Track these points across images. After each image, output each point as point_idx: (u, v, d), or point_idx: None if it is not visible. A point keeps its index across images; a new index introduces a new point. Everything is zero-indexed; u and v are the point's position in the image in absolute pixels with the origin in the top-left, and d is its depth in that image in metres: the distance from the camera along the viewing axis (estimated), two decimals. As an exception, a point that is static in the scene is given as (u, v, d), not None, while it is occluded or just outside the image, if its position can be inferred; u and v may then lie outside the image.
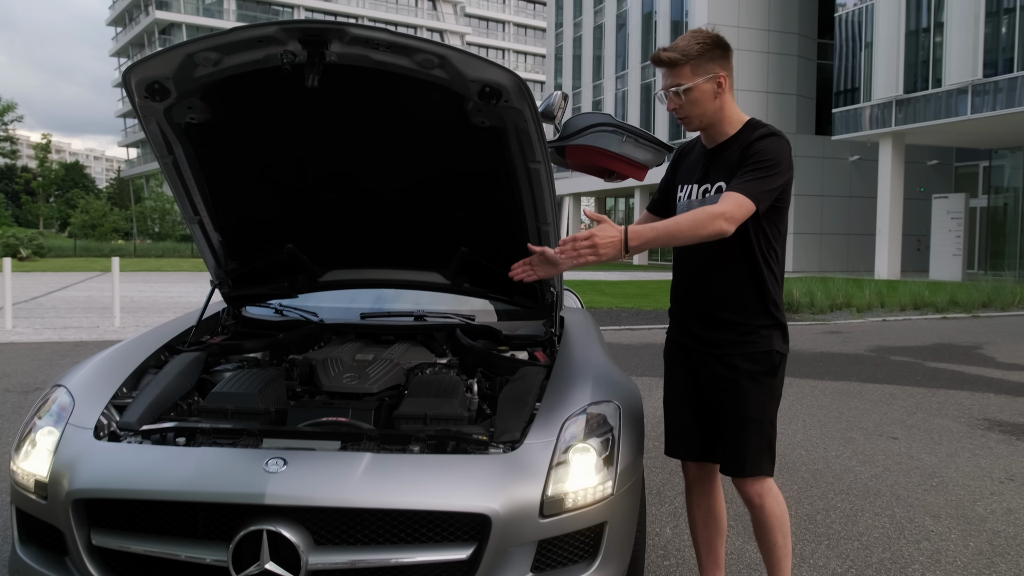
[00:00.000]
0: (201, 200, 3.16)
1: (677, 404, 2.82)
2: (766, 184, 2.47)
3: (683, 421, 2.79)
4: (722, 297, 2.64)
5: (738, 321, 2.62)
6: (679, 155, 2.92)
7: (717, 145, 2.66)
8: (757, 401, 2.60)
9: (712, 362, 2.66)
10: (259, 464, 2.17)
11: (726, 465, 2.69)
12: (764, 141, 2.53)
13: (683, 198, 2.75)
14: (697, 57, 2.54)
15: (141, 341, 3.23)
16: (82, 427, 2.45)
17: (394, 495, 2.13)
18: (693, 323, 2.73)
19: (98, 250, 39.09)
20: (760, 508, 2.66)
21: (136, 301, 14.97)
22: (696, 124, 2.65)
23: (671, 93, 2.59)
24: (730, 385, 2.62)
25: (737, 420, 2.61)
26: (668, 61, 2.57)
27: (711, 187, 2.63)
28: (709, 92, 2.58)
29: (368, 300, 4.20)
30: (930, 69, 23.30)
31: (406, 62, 2.48)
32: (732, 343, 2.62)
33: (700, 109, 2.59)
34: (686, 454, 2.82)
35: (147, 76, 2.54)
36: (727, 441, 2.66)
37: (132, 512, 2.21)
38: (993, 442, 5.47)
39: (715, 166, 2.64)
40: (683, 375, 2.79)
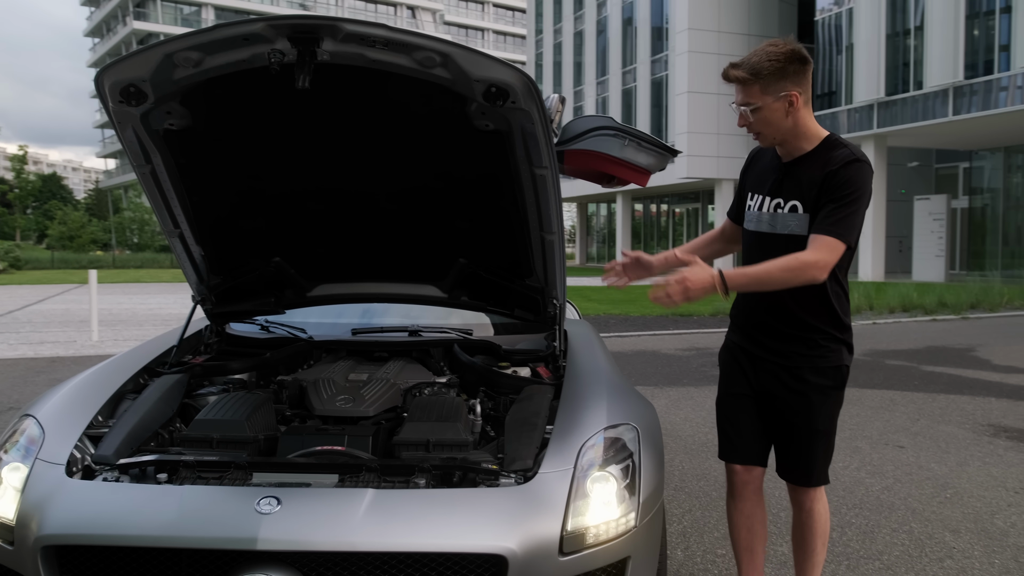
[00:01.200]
0: (182, 212, 2.95)
1: (735, 409, 2.76)
2: (854, 219, 2.43)
3: (740, 426, 2.74)
4: (795, 313, 2.59)
5: (808, 336, 2.59)
6: (752, 158, 2.81)
7: (793, 160, 2.57)
8: (826, 413, 2.62)
9: (780, 373, 2.64)
10: (250, 504, 1.96)
11: (791, 474, 2.71)
12: (849, 169, 2.42)
13: (753, 208, 2.69)
14: (768, 76, 2.44)
15: (118, 363, 3.01)
16: (52, 462, 2.23)
17: (400, 536, 1.93)
18: (761, 334, 2.69)
19: (76, 262, 38.52)
20: (809, 512, 2.71)
21: (115, 314, 14.63)
22: (769, 141, 2.57)
23: (742, 111, 2.52)
24: (799, 398, 2.61)
25: (807, 433, 2.63)
26: (736, 79, 2.49)
27: (784, 203, 2.57)
28: (780, 111, 2.47)
29: (357, 315, 4.00)
30: (911, 72, 23.35)
31: (405, 61, 2.28)
32: (802, 356, 2.60)
33: (772, 128, 2.51)
34: (740, 459, 2.75)
35: (122, 79, 2.33)
36: (794, 451, 2.68)
37: (107, 559, 1.99)
38: (1002, 449, 5.33)
39: (789, 181, 2.56)
40: (743, 379, 2.74)
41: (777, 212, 2.58)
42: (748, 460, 2.75)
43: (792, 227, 2.53)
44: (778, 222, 2.57)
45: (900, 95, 23.53)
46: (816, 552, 2.73)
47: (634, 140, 3.78)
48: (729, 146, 31.10)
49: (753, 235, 2.68)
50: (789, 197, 2.54)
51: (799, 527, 2.76)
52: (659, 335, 11.54)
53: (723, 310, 14.57)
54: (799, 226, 2.51)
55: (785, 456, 2.71)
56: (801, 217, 2.51)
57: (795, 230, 2.52)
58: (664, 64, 33.35)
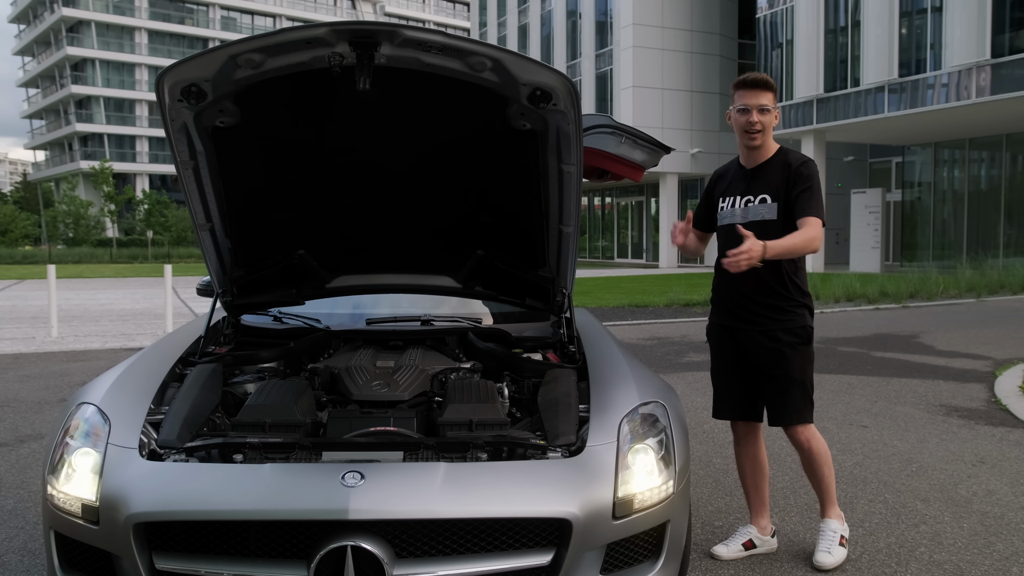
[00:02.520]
0: (216, 205, 3.06)
1: (726, 375, 3.45)
2: (822, 201, 3.23)
3: (731, 388, 3.44)
4: (767, 286, 3.27)
5: (779, 304, 3.28)
6: (717, 177, 3.57)
7: (756, 165, 3.33)
8: (798, 364, 3.28)
9: (758, 337, 3.30)
10: (335, 478, 2.11)
11: (776, 418, 3.34)
12: (808, 167, 3.25)
13: (726, 207, 3.41)
14: (775, 91, 3.28)
15: (154, 354, 3.11)
16: (125, 447, 2.34)
17: (475, 504, 2.11)
18: (740, 309, 3.35)
19: (8, 257, 37.38)
20: (808, 450, 3.35)
21: (66, 310, 14.33)
22: (760, 141, 3.28)
23: (757, 109, 3.21)
24: (774, 354, 3.27)
25: (785, 381, 3.28)
26: (765, 83, 3.23)
27: (754, 198, 3.31)
28: (775, 118, 3.28)
29: (357, 305, 4.11)
30: (848, 69, 24.15)
31: (457, 65, 2.45)
32: (775, 320, 3.28)
33: (768, 129, 3.26)
34: (734, 415, 3.46)
35: (184, 79, 2.44)
36: (778, 399, 3.31)
37: (195, 534, 2.12)
38: (955, 427, 5.71)
39: (756, 182, 3.31)
40: (730, 351, 3.42)
41: (748, 206, 3.31)
42: (742, 416, 3.45)
43: (763, 214, 3.26)
44: (749, 212, 3.29)
45: (838, 91, 24.31)
46: (826, 476, 3.40)
47: (630, 138, 3.99)
48: (673, 140, 31.62)
49: (726, 227, 3.38)
50: (759, 192, 3.29)
51: (806, 463, 3.41)
52: (619, 325, 11.84)
53: (676, 301, 14.98)
54: (769, 212, 3.26)
55: (772, 406, 3.35)
56: (771, 206, 3.26)
57: (765, 216, 3.26)
58: (609, 58, 33.78)
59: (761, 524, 3.48)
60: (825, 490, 3.42)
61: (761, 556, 3.42)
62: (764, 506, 3.51)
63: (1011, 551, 3.49)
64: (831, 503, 3.45)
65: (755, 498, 3.51)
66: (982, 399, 6.68)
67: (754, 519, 3.50)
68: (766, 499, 3.53)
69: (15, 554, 3.42)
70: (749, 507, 3.54)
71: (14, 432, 5.61)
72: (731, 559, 3.37)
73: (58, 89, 66.41)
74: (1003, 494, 4.23)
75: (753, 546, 3.42)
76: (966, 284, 17.21)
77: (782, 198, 3.22)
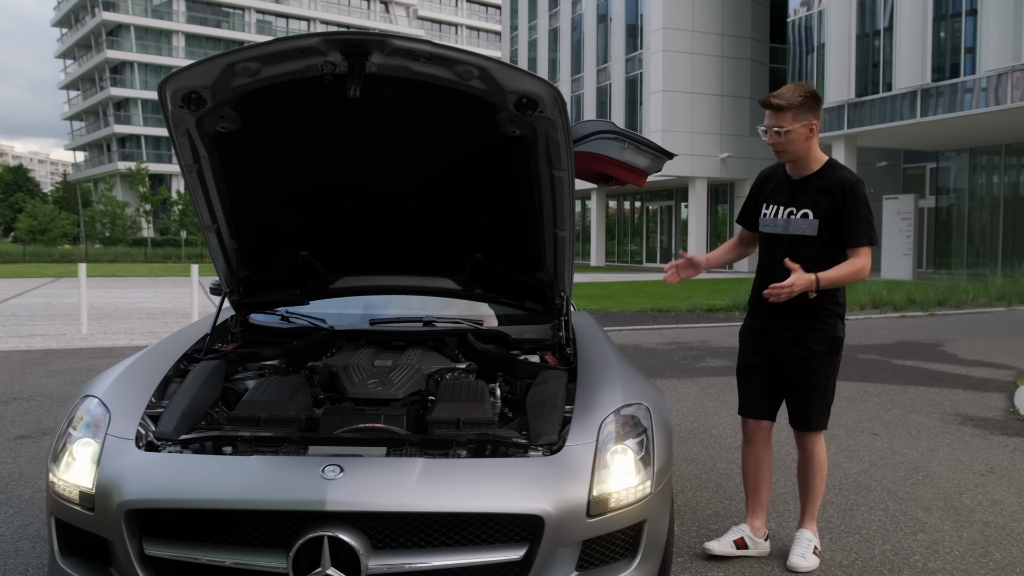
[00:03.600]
0: (220, 208, 3.16)
1: (753, 375, 3.49)
2: (871, 223, 3.25)
3: (757, 388, 3.48)
4: (802, 297, 3.21)
5: (811, 313, 3.31)
6: (764, 177, 3.57)
7: (803, 178, 3.32)
8: (823, 373, 3.35)
9: (788, 344, 3.36)
10: (315, 471, 2.19)
11: (795, 421, 3.44)
12: (858, 190, 3.22)
13: (769, 215, 3.43)
14: (798, 107, 3.17)
15: (160, 350, 3.22)
16: (122, 438, 2.45)
17: (451, 499, 2.17)
18: (773, 314, 3.37)
19: (47, 255, 38.21)
20: (811, 454, 3.45)
21: (98, 308, 14.67)
22: (788, 158, 3.29)
23: (773, 131, 3.21)
24: (803, 362, 3.33)
25: (809, 388, 3.36)
26: (776, 107, 3.19)
27: (796, 212, 3.31)
28: (803, 135, 3.21)
29: (368, 306, 4.21)
30: (880, 73, 23.91)
31: (445, 73, 2.52)
32: (805, 328, 3.32)
33: (794, 147, 3.23)
34: (753, 414, 3.51)
35: (184, 86, 2.55)
36: (799, 404, 3.40)
37: (183, 522, 2.22)
38: (968, 436, 5.67)
39: (800, 195, 3.31)
40: (760, 352, 3.46)
41: (790, 218, 3.32)
42: (758, 415, 3.49)
43: (803, 229, 3.28)
44: (791, 225, 3.31)
45: (870, 96, 24.07)
46: (816, 485, 3.47)
47: (633, 143, 4.04)
48: (703, 144, 31.58)
49: (767, 236, 3.43)
50: (801, 206, 3.29)
51: (803, 467, 3.49)
52: (639, 330, 11.85)
53: (699, 306, 14.93)
54: (809, 228, 3.27)
55: (792, 409, 3.43)
56: (812, 222, 3.27)
57: (805, 231, 3.27)
58: (639, 62, 33.74)
59: (755, 525, 3.51)
60: (812, 500, 3.49)
61: (752, 559, 3.44)
62: (761, 508, 3.55)
63: (1008, 561, 3.48)
64: (813, 515, 3.51)
65: (753, 498, 3.56)
66: (1000, 409, 6.62)
67: (749, 519, 3.54)
68: (764, 502, 3.57)
69: (28, 541, 3.55)
70: (747, 506, 3.59)
71: (37, 425, 5.79)
72: (721, 554, 3.41)
73: (98, 91, 67.79)
74: (1008, 504, 4.21)
75: (745, 546, 3.45)
76: (997, 292, 16.95)
77: (825, 215, 3.23)
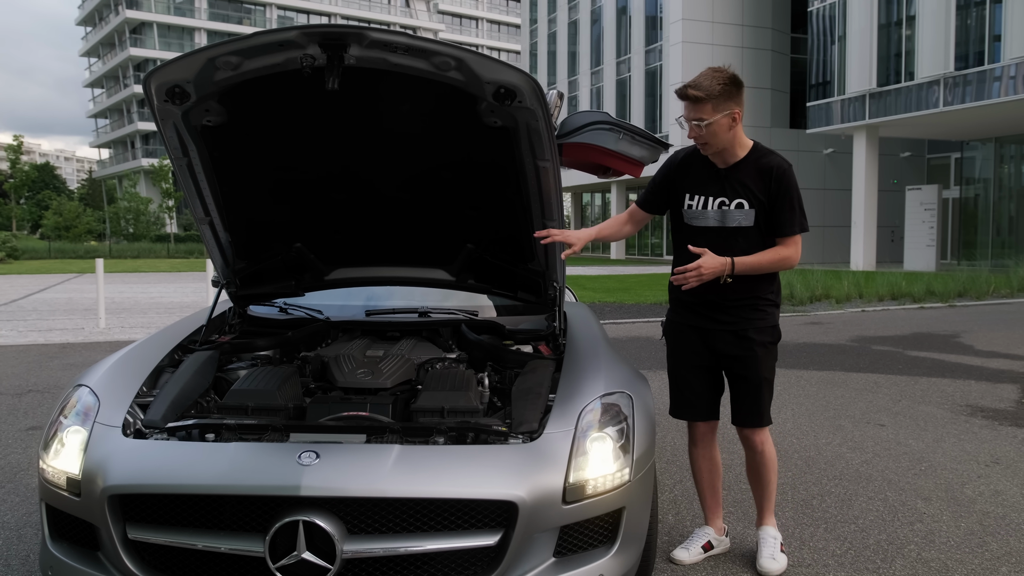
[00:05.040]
0: (212, 201, 3.21)
1: (689, 375, 3.30)
2: (802, 210, 3.10)
3: (696, 389, 3.30)
4: (743, 286, 3.12)
5: (752, 304, 3.18)
6: (682, 162, 3.27)
7: (730, 166, 3.13)
8: (768, 365, 3.22)
9: (728, 337, 3.19)
10: (292, 457, 2.23)
11: (745, 419, 3.25)
12: (787, 174, 3.07)
13: (695, 207, 3.19)
14: (718, 96, 2.97)
15: (155, 341, 3.28)
16: (110, 425, 2.50)
17: (424, 485, 2.20)
18: (709, 309, 3.20)
19: (72, 251, 38.69)
20: (761, 453, 3.30)
21: (117, 303, 14.86)
22: (712, 150, 3.10)
23: (693, 124, 3.02)
24: (747, 355, 3.18)
25: (756, 382, 3.20)
26: (693, 98, 2.99)
27: (729, 202, 3.12)
28: (725, 125, 3.02)
29: (368, 297, 4.25)
30: (903, 62, 23.61)
31: (423, 64, 2.55)
32: (746, 320, 3.18)
33: (717, 139, 3.04)
34: (696, 415, 3.34)
35: (167, 80, 2.59)
36: (745, 399, 3.23)
37: (165, 507, 2.26)
38: (977, 427, 5.62)
39: (730, 184, 3.13)
40: (695, 351, 3.27)
41: (722, 209, 3.12)
42: (705, 416, 3.36)
43: (740, 220, 3.10)
44: (727, 217, 3.12)
45: (892, 86, 23.78)
46: (771, 483, 3.35)
47: (628, 134, 4.04)
48: (723, 136, 31.33)
49: (698, 229, 3.18)
50: (734, 196, 3.10)
51: (755, 467, 3.35)
52: (652, 322, 11.82)
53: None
54: (746, 219, 3.10)
55: (739, 406, 3.26)
56: (748, 212, 3.09)
57: (743, 223, 3.11)
58: (658, 54, 33.56)
59: (717, 525, 3.46)
60: (768, 496, 3.37)
61: (721, 557, 3.41)
62: (719, 506, 3.48)
63: (1004, 551, 3.46)
64: (770, 510, 3.40)
65: (711, 499, 3.46)
66: (1012, 400, 6.55)
67: (710, 520, 3.46)
68: (720, 499, 3.50)
69: (32, 528, 3.64)
70: (704, 509, 3.48)
71: (48, 417, 5.87)
72: (692, 563, 3.32)
73: (121, 89, 68.49)
74: (1010, 495, 4.18)
75: (711, 547, 3.40)
76: (1019, 283, 16.74)
77: (759, 205, 3.07)
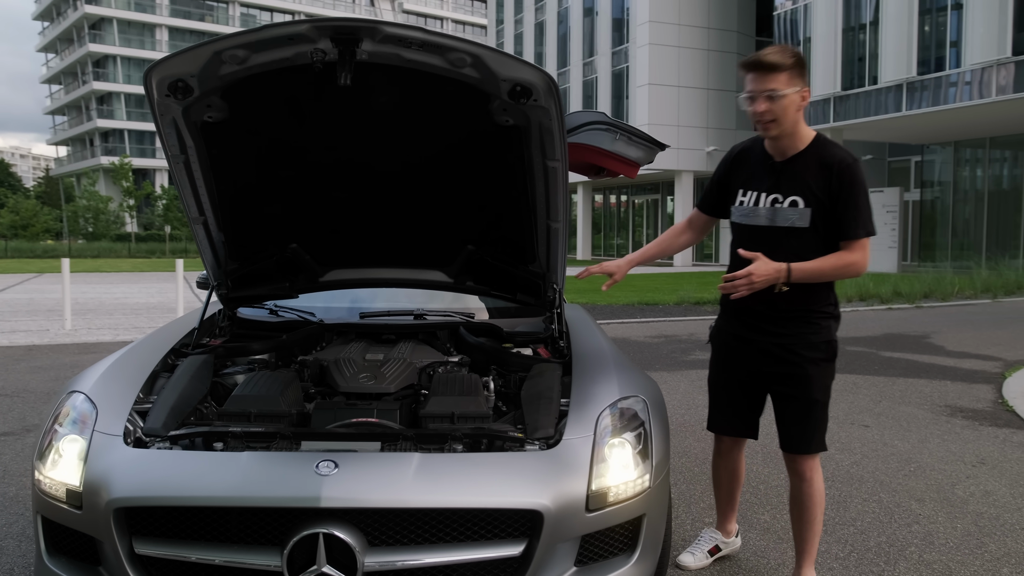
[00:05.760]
0: (208, 199, 3.10)
1: (731, 388, 3.06)
2: (870, 212, 2.74)
3: (737, 404, 3.06)
4: (797, 295, 2.79)
5: (804, 315, 2.84)
6: (738, 156, 3.01)
7: (788, 158, 2.80)
8: (820, 385, 2.87)
9: (776, 351, 2.87)
10: (309, 467, 2.14)
11: (791, 444, 2.92)
12: (853, 170, 2.71)
13: (747, 203, 2.90)
14: (791, 68, 2.66)
15: (147, 345, 3.16)
16: (110, 434, 2.39)
17: (448, 494, 2.13)
18: (754, 319, 2.91)
19: (30, 251, 37.85)
20: (809, 482, 2.92)
21: (82, 303, 14.51)
22: (776, 131, 2.73)
23: (763, 97, 2.67)
24: (796, 371, 2.85)
25: (805, 404, 2.86)
26: (770, 65, 2.65)
27: (782, 199, 2.79)
28: (795, 103, 2.70)
29: (361, 299, 4.15)
30: (867, 67, 23.98)
31: (437, 61, 2.47)
32: (796, 335, 2.84)
33: (787, 117, 2.70)
34: (731, 431, 3.13)
35: (171, 74, 2.48)
36: (793, 422, 2.90)
37: (174, 519, 2.16)
38: (958, 428, 5.68)
39: (786, 179, 2.79)
40: (739, 363, 3.00)
41: (775, 207, 2.80)
42: (738, 432, 3.14)
43: (793, 220, 2.77)
44: (778, 216, 2.80)
45: (856, 89, 24.13)
46: (816, 521, 2.92)
47: (625, 134, 4.00)
48: (689, 138, 31.58)
49: (746, 229, 2.91)
50: (789, 193, 2.77)
51: (799, 499, 2.94)
52: (628, 323, 11.84)
53: (686, 299, 14.93)
54: (800, 219, 2.76)
55: (787, 429, 2.92)
56: (802, 211, 2.76)
57: (796, 223, 2.77)
58: (625, 56, 33.69)
59: (728, 528, 3.36)
60: (812, 538, 2.95)
61: (728, 563, 3.35)
62: (734, 511, 3.36)
63: (1003, 552, 3.48)
64: (812, 556, 2.98)
65: (727, 505, 3.32)
66: (989, 400, 6.64)
67: (721, 524, 3.35)
68: (736, 505, 3.37)
69: (13, 540, 3.49)
70: (717, 512, 3.36)
71: (21, 422, 5.70)
72: (698, 568, 3.23)
73: (80, 86, 67.09)
74: (1001, 495, 4.21)
75: (718, 551, 3.32)
76: (982, 284, 17.07)
77: (817, 204, 2.73)
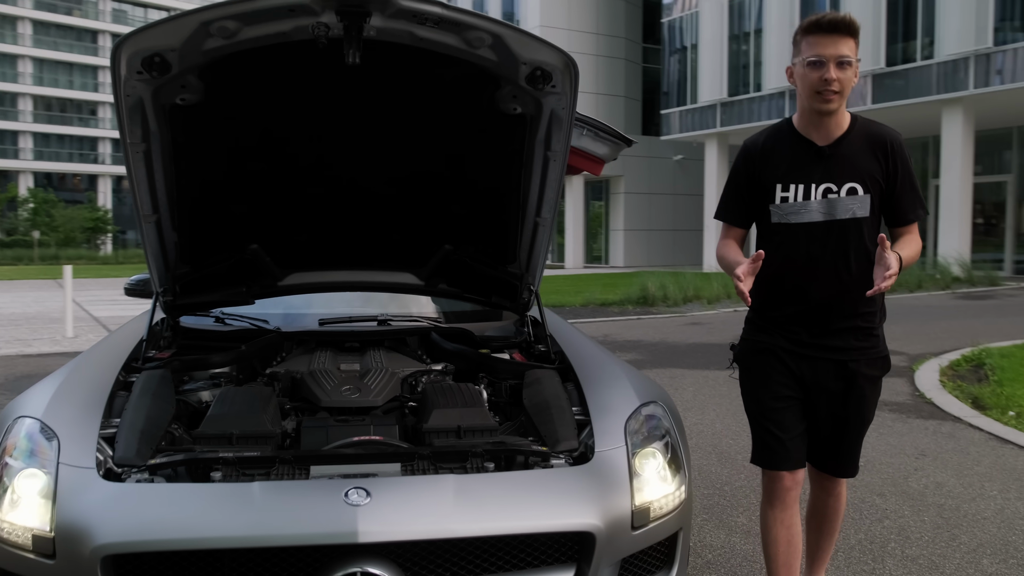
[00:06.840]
0: (165, 195, 2.75)
1: (788, 413, 2.56)
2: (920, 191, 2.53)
3: (789, 428, 2.54)
4: (853, 303, 2.48)
5: (862, 327, 2.52)
6: (764, 147, 2.58)
7: (835, 140, 2.46)
8: (874, 403, 2.64)
9: (832, 367, 2.52)
10: (338, 497, 1.88)
11: (836, 466, 2.67)
12: (902, 147, 2.47)
13: (794, 198, 2.48)
14: (857, 34, 2.38)
15: (94, 360, 2.79)
16: (80, 467, 2.04)
17: (495, 520, 1.92)
18: (810, 330, 2.52)
19: None
20: (838, 497, 2.74)
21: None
22: (837, 104, 2.39)
23: (835, 63, 2.33)
24: (854, 392, 2.53)
25: (858, 425, 2.61)
26: (848, 26, 2.34)
27: (838, 188, 2.44)
28: (855, 76, 2.41)
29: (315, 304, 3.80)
30: (751, 74, 24.89)
31: (452, 40, 2.24)
32: (856, 349, 2.51)
33: (847, 90, 2.39)
34: (792, 464, 2.55)
35: (146, 47, 2.16)
36: (843, 444, 2.63)
37: (175, 565, 1.85)
38: (889, 421, 5.82)
39: (837, 165, 2.45)
40: (787, 382, 2.55)
41: (829, 197, 2.44)
42: (798, 464, 2.57)
43: (854, 210, 2.43)
44: (836, 208, 2.44)
45: (742, 96, 25.02)
46: (836, 532, 2.80)
47: (592, 130, 3.85)
48: (580, 142, 31.94)
49: (794, 228, 2.49)
50: (844, 180, 2.43)
51: (823, 510, 2.75)
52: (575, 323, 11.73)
53: (592, 301, 14.96)
54: (861, 208, 2.44)
55: (833, 450, 2.62)
56: (862, 198, 2.43)
57: (857, 212, 2.44)
58: (516, 60, 33.81)
59: None
60: (830, 546, 2.83)
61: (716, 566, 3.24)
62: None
63: (976, 543, 3.52)
64: (824, 565, 2.87)
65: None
66: (907, 393, 6.86)
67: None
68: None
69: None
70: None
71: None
72: None
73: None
74: (952, 487, 4.30)
75: None
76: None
77: (876, 188, 2.43)
